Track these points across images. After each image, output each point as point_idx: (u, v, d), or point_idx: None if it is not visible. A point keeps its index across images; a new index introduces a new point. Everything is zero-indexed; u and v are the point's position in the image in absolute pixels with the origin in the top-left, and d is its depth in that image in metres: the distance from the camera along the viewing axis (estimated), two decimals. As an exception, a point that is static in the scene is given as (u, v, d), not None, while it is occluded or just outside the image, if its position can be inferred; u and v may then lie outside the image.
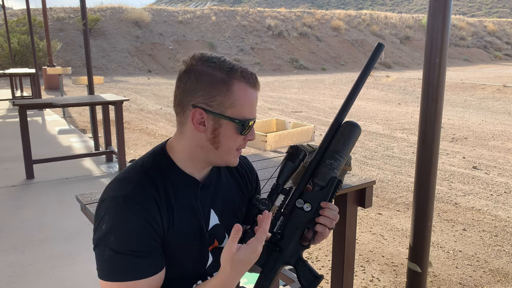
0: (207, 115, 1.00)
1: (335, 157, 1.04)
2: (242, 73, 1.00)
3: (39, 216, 3.76)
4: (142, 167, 1.04)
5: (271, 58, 25.69)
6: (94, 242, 0.98)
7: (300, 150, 1.05)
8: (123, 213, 0.95)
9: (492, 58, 33.64)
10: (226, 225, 1.15)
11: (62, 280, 2.75)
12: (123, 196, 0.96)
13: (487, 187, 4.85)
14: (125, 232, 0.94)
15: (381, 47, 1.08)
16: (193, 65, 1.01)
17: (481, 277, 2.93)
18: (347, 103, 1.06)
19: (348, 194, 2.08)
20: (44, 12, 11.70)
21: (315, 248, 3.31)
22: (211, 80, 0.99)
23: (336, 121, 1.06)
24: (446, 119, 9.15)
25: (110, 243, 0.94)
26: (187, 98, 1.01)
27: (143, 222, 0.96)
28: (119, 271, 0.94)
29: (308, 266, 1.05)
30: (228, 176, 1.20)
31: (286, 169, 1.04)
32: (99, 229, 0.97)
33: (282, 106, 11.25)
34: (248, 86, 1.02)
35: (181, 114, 1.04)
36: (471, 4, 76.40)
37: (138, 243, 0.95)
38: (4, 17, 14.71)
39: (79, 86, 14.22)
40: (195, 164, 1.08)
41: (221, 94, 0.99)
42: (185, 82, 1.01)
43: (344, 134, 1.05)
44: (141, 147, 6.46)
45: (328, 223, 1.03)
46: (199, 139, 1.03)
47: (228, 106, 1.00)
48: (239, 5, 56.30)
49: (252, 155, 2.67)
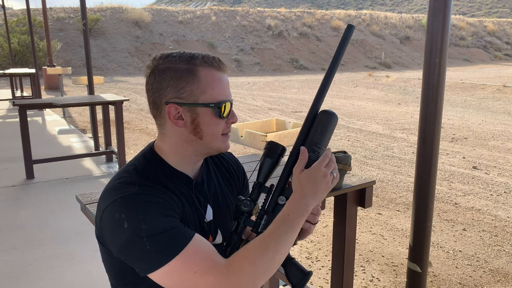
0: (182, 108, 0.99)
1: (313, 149, 1.01)
2: (203, 58, 1.00)
3: (39, 216, 3.76)
4: (136, 170, 1.02)
5: (271, 58, 25.70)
6: (124, 244, 0.91)
7: (277, 146, 1.03)
8: (140, 204, 0.92)
9: (492, 58, 33.64)
10: (218, 221, 1.14)
11: (62, 280, 2.75)
12: (132, 194, 0.94)
13: (487, 187, 4.85)
14: (151, 217, 0.91)
15: (351, 28, 1.05)
16: (155, 66, 1.01)
17: (481, 277, 2.93)
18: (321, 92, 1.02)
19: (348, 194, 2.08)
20: (44, 12, 11.71)
21: (315, 248, 3.31)
22: (176, 73, 0.99)
23: (312, 111, 1.02)
24: (446, 119, 9.15)
25: (144, 233, 0.89)
26: (158, 97, 1.01)
27: (163, 205, 0.94)
28: (169, 247, 0.89)
29: (296, 263, 1.03)
30: (217, 172, 1.20)
31: (265, 166, 1.03)
32: (123, 230, 0.91)
33: (282, 106, 11.25)
34: (213, 69, 1.01)
35: (158, 115, 1.04)
36: (471, 4, 76.42)
37: (167, 220, 0.92)
38: (4, 17, 14.71)
39: (79, 86, 14.23)
40: (186, 160, 1.07)
41: (189, 83, 0.98)
42: (152, 83, 1.01)
43: (321, 124, 1.01)
44: (141, 147, 6.46)
45: (310, 218, 1.02)
46: (181, 134, 1.03)
47: (199, 94, 0.99)
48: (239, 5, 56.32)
49: (252, 155, 2.67)
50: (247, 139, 6.61)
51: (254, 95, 13.62)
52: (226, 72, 1.05)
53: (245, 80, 18.63)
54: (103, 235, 0.97)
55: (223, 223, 1.15)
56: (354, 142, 7.00)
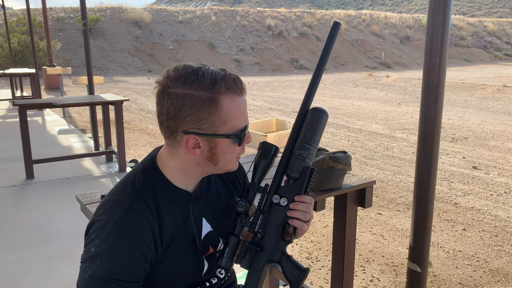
0: (201, 138, 0.96)
1: (304, 146, 1.01)
2: (226, 84, 0.93)
3: (39, 216, 3.75)
4: (133, 187, 1.00)
5: (271, 58, 25.69)
6: (81, 258, 0.95)
7: (271, 146, 1.03)
8: (114, 241, 0.92)
9: (492, 58, 33.63)
10: (219, 230, 1.13)
11: (62, 280, 2.75)
12: (114, 222, 0.93)
13: (487, 187, 4.85)
14: (112, 261, 0.91)
15: (338, 25, 1.06)
16: (170, 87, 0.93)
17: (481, 277, 2.93)
18: (311, 89, 1.02)
19: (348, 194, 2.08)
20: (44, 12, 11.70)
21: (315, 248, 3.31)
22: (197, 103, 0.92)
23: (302, 109, 1.03)
24: (446, 119, 9.15)
25: (96, 266, 0.91)
26: (175, 124, 0.95)
27: (134, 252, 0.93)
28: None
29: (293, 260, 1.03)
30: (216, 178, 1.18)
31: (260, 167, 1.03)
32: (88, 250, 0.94)
33: (282, 106, 11.25)
34: (235, 96, 0.96)
35: (171, 138, 0.98)
36: (471, 4, 76.40)
37: (124, 273, 0.92)
38: (4, 17, 14.70)
39: (79, 86, 14.23)
40: (189, 179, 1.05)
41: (211, 115, 0.93)
42: (167, 107, 0.94)
43: (312, 121, 1.02)
44: (141, 147, 6.46)
45: (301, 216, 1.00)
46: (194, 159, 1.00)
47: (220, 125, 0.95)
48: (239, 5, 56.28)
49: (252, 155, 2.67)
50: (247, 139, 6.57)
51: (254, 95, 13.62)
52: (246, 93, 1.01)
53: (245, 80, 18.62)
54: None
55: (224, 231, 1.14)
56: (354, 142, 7.00)
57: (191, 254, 1.07)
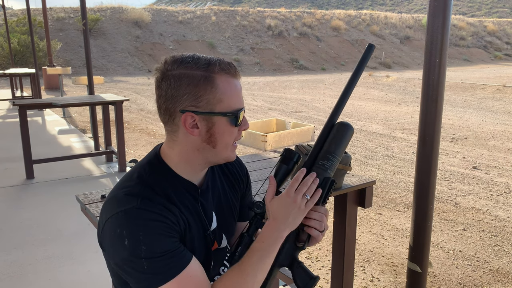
0: (198, 117, 0.98)
1: (328, 157, 1.03)
2: (220, 65, 0.98)
3: (39, 216, 3.76)
4: (140, 179, 1.00)
5: (271, 58, 25.70)
6: (122, 260, 0.93)
7: (294, 153, 1.04)
8: (143, 223, 0.92)
9: (492, 58, 33.63)
10: (223, 226, 1.15)
11: (62, 280, 2.75)
12: (135, 208, 0.93)
13: (487, 187, 4.85)
14: (151, 239, 0.91)
15: (371, 48, 1.07)
16: (168, 70, 0.98)
17: (481, 277, 2.93)
18: (339, 105, 1.06)
19: (348, 194, 2.08)
20: (44, 12, 11.71)
21: (315, 248, 3.31)
22: (193, 81, 0.96)
23: (329, 122, 1.06)
24: (446, 119, 9.15)
25: (144, 253, 0.90)
26: (172, 104, 0.98)
27: (164, 224, 0.93)
28: (166, 270, 0.92)
29: (304, 267, 1.04)
30: (221, 176, 1.19)
31: (281, 172, 1.04)
32: (122, 247, 0.92)
33: (282, 106, 11.25)
34: (230, 77, 1.00)
35: (170, 122, 1.01)
36: (471, 4, 76.41)
37: (167, 242, 0.93)
38: (4, 17, 14.71)
39: (79, 86, 14.22)
40: (193, 168, 1.06)
41: (207, 92, 0.97)
42: (165, 89, 0.98)
43: (337, 135, 1.05)
44: (141, 147, 6.46)
45: (316, 225, 1.02)
46: (194, 142, 1.01)
47: (216, 102, 0.98)
48: (239, 5, 56.30)
49: (252, 155, 2.67)
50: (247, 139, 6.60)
51: (254, 95, 13.62)
52: (240, 78, 1.04)
53: (245, 80, 18.62)
54: (104, 244, 0.98)
55: (227, 227, 1.16)
56: (354, 142, 7.00)
57: (202, 244, 1.07)
